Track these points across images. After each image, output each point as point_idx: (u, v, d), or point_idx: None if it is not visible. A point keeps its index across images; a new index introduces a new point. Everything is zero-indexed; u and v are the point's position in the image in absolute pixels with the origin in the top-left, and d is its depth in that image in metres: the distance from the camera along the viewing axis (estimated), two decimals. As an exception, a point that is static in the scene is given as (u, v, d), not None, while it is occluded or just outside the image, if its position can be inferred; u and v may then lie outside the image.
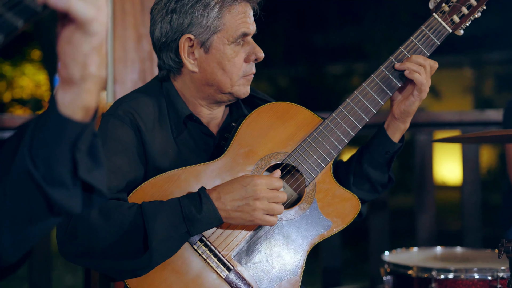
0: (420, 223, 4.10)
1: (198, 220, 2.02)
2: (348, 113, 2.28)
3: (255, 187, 2.05)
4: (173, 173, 2.14)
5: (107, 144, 2.16)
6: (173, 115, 2.27)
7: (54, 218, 1.29)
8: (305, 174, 2.22)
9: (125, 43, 3.58)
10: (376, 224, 4.09)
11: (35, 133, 1.25)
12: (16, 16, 1.13)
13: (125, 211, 2.02)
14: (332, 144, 2.24)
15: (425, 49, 2.32)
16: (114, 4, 3.58)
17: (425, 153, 4.11)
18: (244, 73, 2.24)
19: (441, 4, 2.35)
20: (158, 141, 2.22)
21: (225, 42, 2.20)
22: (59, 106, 1.23)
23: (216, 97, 2.28)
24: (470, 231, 4.11)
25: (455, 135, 2.59)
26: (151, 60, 3.57)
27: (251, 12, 2.26)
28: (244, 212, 2.05)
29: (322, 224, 2.20)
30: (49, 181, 1.24)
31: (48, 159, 1.23)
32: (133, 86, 3.56)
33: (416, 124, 4.12)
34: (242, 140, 2.20)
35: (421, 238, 4.10)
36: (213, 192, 2.06)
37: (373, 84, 2.30)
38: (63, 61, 1.20)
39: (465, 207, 4.13)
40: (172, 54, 2.24)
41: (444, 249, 3.14)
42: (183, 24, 2.18)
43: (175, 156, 2.23)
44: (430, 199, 4.10)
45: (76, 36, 1.18)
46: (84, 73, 1.21)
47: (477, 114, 4.13)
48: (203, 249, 2.10)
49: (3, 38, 1.12)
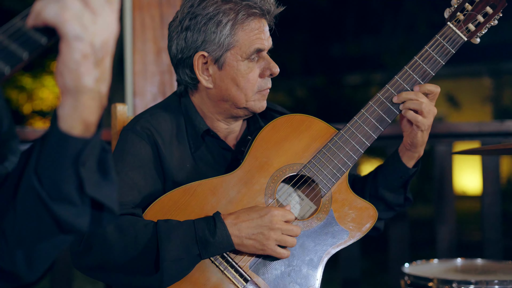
0: (440, 235, 4.08)
1: (211, 244, 2.04)
2: (363, 123, 2.27)
3: (272, 218, 2.07)
4: (189, 186, 2.16)
5: (124, 159, 2.19)
6: (191, 131, 2.29)
7: (64, 235, 1.29)
8: (321, 185, 2.23)
9: (144, 56, 3.61)
10: (396, 234, 4.07)
11: (40, 150, 1.25)
12: (21, 48, 1.15)
13: (140, 228, 2.04)
14: (347, 155, 2.25)
15: (440, 57, 2.30)
16: (134, 19, 3.62)
17: (444, 164, 4.09)
18: (259, 88, 2.26)
19: (456, 12, 2.34)
20: (176, 156, 2.24)
21: (238, 59, 2.21)
22: (59, 122, 1.23)
23: (232, 112, 2.29)
24: (491, 243, 4.08)
25: (474, 148, 2.57)
26: (171, 73, 3.60)
27: (266, 27, 2.27)
28: (257, 241, 2.08)
29: (339, 234, 2.21)
30: (55, 198, 1.23)
31: (53, 176, 1.23)
32: (152, 99, 3.59)
33: (435, 135, 4.11)
34: (257, 153, 2.22)
35: (441, 249, 4.07)
36: (228, 218, 2.08)
37: (388, 94, 2.30)
38: (59, 69, 1.20)
39: (486, 218, 4.10)
40: (187, 71, 2.26)
41: (465, 261, 3.12)
42: (197, 41, 2.21)
43: (193, 170, 2.26)
44: (450, 210, 4.08)
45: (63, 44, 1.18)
46: (78, 83, 1.20)
47: (496, 125, 4.10)
48: (220, 261, 2.11)
49: (9, 69, 1.13)
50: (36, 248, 1.30)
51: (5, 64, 1.12)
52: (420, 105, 2.24)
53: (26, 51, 1.15)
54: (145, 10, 3.64)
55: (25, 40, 1.15)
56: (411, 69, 2.30)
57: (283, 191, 2.27)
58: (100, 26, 1.19)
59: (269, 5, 2.24)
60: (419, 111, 2.25)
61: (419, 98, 2.25)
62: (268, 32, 2.27)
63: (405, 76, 2.30)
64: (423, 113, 2.25)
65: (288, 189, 2.28)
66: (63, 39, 1.17)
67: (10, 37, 1.14)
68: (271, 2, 2.26)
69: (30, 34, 1.16)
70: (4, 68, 1.12)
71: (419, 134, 2.28)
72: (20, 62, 1.14)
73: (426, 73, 2.31)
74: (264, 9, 2.23)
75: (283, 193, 2.27)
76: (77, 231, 1.27)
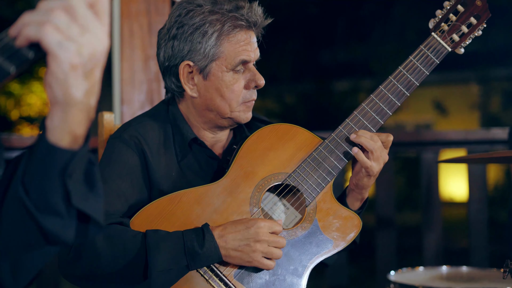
0: (426, 242, 4.10)
1: (199, 255, 2.05)
2: (348, 133, 2.26)
3: (258, 230, 2.08)
4: (174, 195, 2.17)
5: (111, 167, 2.19)
6: (178, 139, 2.30)
7: (50, 247, 1.30)
8: (305, 194, 2.23)
9: (132, 64, 3.62)
10: (383, 241, 4.09)
11: (28, 160, 1.26)
12: (8, 62, 1.16)
13: (129, 238, 2.05)
14: (332, 164, 2.25)
15: (424, 68, 2.31)
16: (122, 26, 3.63)
17: (431, 171, 4.12)
18: (243, 100, 2.26)
19: (441, 23, 2.35)
20: (163, 165, 2.25)
21: (223, 70, 2.22)
22: (47, 133, 1.23)
23: (217, 122, 2.30)
24: (477, 250, 4.10)
25: (460, 156, 2.57)
26: (158, 81, 3.61)
27: (253, 38, 2.27)
28: (243, 253, 2.08)
29: (323, 243, 2.21)
30: (42, 210, 1.24)
31: (40, 187, 1.23)
32: (140, 107, 3.59)
33: (422, 142, 4.14)
34: (243, 162, 2.23)
35: (427, 256, 4.09)
36: (216, 230, 2.09)
37: (372, 104, 2.29)
38: (47, 80, 1.20)
39: (472, 225, 4.12)
40: (173, 79, 2.27)
41: (450, 268, 3.14)
42: (183, 50, 2.22)
43: (179, 179, 2.26)
44: (437, 217, 4.10)
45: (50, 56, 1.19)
46: (67, 95, 1.20)
47: (483, 133, 4.14)
48: (205, 270, 2.12)
49: None
50: (21, 259, 1.30)
51: None
52: (373, 145, 2.19)
53: (13, 65, 1.15)
54: (133, 18, 3.65)
55: (13, 54, 1.16)
56: (395, 79, 2.30)
57: (268, 200, 2.28)
58: (89, 38, 1.19)
59: (256, 17, 2.24)
60: (370, 151, 2.19)
61: (373, 139, 2.20)
62: (255, 44, 2.27)
63: (389, 86, 2.30)
64: (373, 155, 2.19)
65: (273, 198, 2.29)
66: (48, 51, 1.18)
67: None
68: (259, 14, 2.25)
69: (18, 48, 1.16)
70: None
71: (365, 178, 2.24)
72: (7, 76, 1.14)
73: (410, 83, 2.31)
74: (251, 21, 2.23)
75: (268, 202, 2.28)
76: (63, 242, 1.28)
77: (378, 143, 2.21)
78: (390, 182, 4.09)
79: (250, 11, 2.23)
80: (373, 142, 2.20)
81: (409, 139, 4.35)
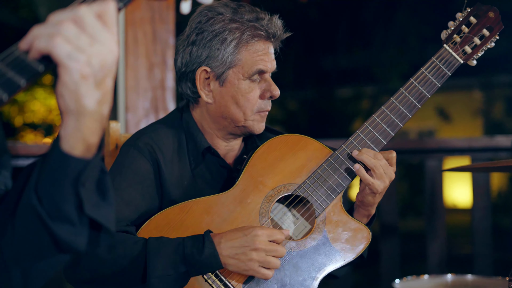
0: (430, 249, 4.10)
1: (198, 262, 2.04)
2: (358, 144, 2.25)
3: (255, 238, 2.05)
4: (184, 205, 2.16)
5: (123, 175, 2.19)
6: (192, 147, 2.30)
7: (61, 255, 1.30)
8: (315, 205, 2.22)
9: (137, 72, 3.63)
10: (387, 249, 4.09)
11: (41, 169, 1.26)
12: (18, 75, 1.16)
13: (130, 245, 2.05)
14: (342, 176, 2.24)
15: (436, 80, 2.30)
16: (127, 34, 3.64)
17: (435, 179, 4.12)
18: (258, 109, 2.27)
19: (453, 35, 2.34)
20: (175, 173, 2.25)
21: (240, 77, 2.23)
22: (61, 141, 1.24)
23: (230, 130, 2.30)
24: (481, 257, 4.10)
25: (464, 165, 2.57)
26: (163, 88, 3.62)
27: (271, 49, 2.28)
28: (239, 261, 2.05)
29: (332, 255, 2.20)
30: (54, 218, 1.24)
31: (52, 195, 1.24)
32: (144, 114, 3.60)
33: (425, 150, 4.14)
34: (253, 172, 2.22)
35: (431, 264, 4.09)
36: (216, 236, 2.07)
37: (383, 116, 2.28)
38: (59, 91, 1.21)
39: (476, 233, 4.12)
40: (189, 84, 2.28)
41: (455, 277, 3.14)
42: (201, 56, 2.23)
43: (191, 188, 2.26)
44: (441, 225, 4.10)
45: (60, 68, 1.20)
46: (78, 105, 1.21)
47: (486, 140, 4.14)
48: (213, 279, 2.10)
49: (7, 97, 1.15)
50: (33, 267, 1.31)
51: (3, 91, 1.14)
52: (374, 163, 2.18)
53: (24, 78, 1.16)
54: (138, 25, 3.66)
55: (23, 68, 1.17)
56: (407, 91, 2.28)
57: (278, 210, 2.27)
58: (98, 48, 1.20)
59: (276, 29, 2.26)
60: (371, 169, 2.18)
61: (376, 157, 2.19)
62: (272, 55, 2.29)
63: (401, 97, 2.28)
64: (376, 173, 2.18)
65: (283, 208, 2.28)
66: (58, 63, 1.19)
67: (8, 65, 1.16)
68: (278, 26, 2.28)
69: (28, 62, 1.17)
70: (2, 95, 1.14)
71: (370, 196, 2.23)
72: (18, 90, 1.15)
73: (422, 95, 2.29)
74: (270, 32, 2.25)
75: (278, 212, 2.27)
76: (74, 250, 1.28)
77: (381, 161, 2.19)
78: (393, 189, 4.09)
79: (270, 23, 2.25)
80: (375, 160, 2.18)
81: (413, 146, 4.35)
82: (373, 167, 2.18)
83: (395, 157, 2.23)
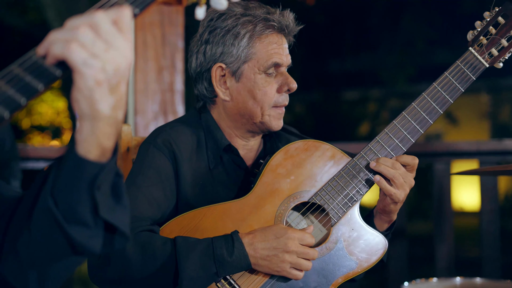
0: (439, 253, 4.10)
1: (228, 263, 2.04)
2: (378, 151, 2.21)
3: (287, 240, 2.06)
4: (198, 211, 2.15)
5: (145, 173, 2.19)
6: (212, 145, 2.29)
7: (76, 257, 1.32)
8: (331, 213, 2.19)
9: (146, 75, 3.64)
10: (395, 252, 4.09)
11: (57, 172, 1.28)
12: (36, 80, 1.18)
13: (159, 245, 2.05)
14: (360, 183, 2.20)
15: (459, 84, 2.23)
16: (136, 37, 3.65)
17: (443, 182, 4.12)
18: (275, 103, 2.25)
19: (479, 36, 2.26)
20: (192, 172, 2.24)
21: (256, 71, 2.22)
22: (76, 145, 1.26)
23: (248, 127, 2.29)
24: (489, 261, 4.09)
25: (473, 169, 2.54)
26: (172, 91, 3.63)
27: (285, 43, 2.27)
28: (272, 262, 2.06)
29: (347, 264, 2.18)
30: (70, 220, 1.26)
31: (68, 198, 1.26)
32: (154, 117, 3.61)
33: (433, 153, 4.14)
34: (269, 178, 2.20)
35: (440, 267, 4.09)
36: (246, 237, 2.07)
37: (404, 122, 2.23)
38: (74, 96, 1.23)
39: (484, 236, 4.11)
40: (206, 83, 2.28)
41: (464, 280, 3.14)
42: (216, 53, 2.23)
43: (207, 188, 2.25)
44: (449, 228, 4.09)
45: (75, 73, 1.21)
46: (93, 110, 1.23)
47: (494, 144, 4.13)
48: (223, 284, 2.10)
49: (25, 101, 1.16)
50: (48, 269, 1.32)
51: (21, 95, 1.15)
52: (393, 173, 2.15)
53: (42, 83, 1.18)
54: (147, 29, 3.67)
55: (41, 73, 1.18)
56: (429, 96, 2.22)
57: (294, 217, 2.25)
58: (113, 54, 1.22)
59: (288, 20, 2.26)
60: (391, 180, 2.16)
61: (395, 167, 2.17)
62: (287, 49, 2.28)
63: (423, 103, 2.22)
64: (396, 183, 2.15)
65: (299, 215, 2.26)
66: (73, 69, 1.20)
67: (26, 69, 1.17)
68: (291, 18, 2.27)
69: (45, 67, 1.19)
70: (20, 99, 1.15)
71: (391, 205, 2.21)
72: (35, 94, 1.17)
73: (444, 100, 2.23)
74: (283, 24, 2.24)
75: (294, 219, 2.25)
76: (89, 253, 1.30)
77: (400, 170, 2.16)
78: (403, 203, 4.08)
79: (282, 15, 2.25)
80: (394, 170, 2.16)
81: (421, 149, 4.35)
82: (392, 178, 2.16)
83: (417, 164, 2.20)
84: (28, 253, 1.31)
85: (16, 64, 1.18)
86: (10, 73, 1.17)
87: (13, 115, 1.16)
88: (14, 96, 1.15)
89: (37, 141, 14.33)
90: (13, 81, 1.16)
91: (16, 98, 1.15)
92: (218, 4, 1.34)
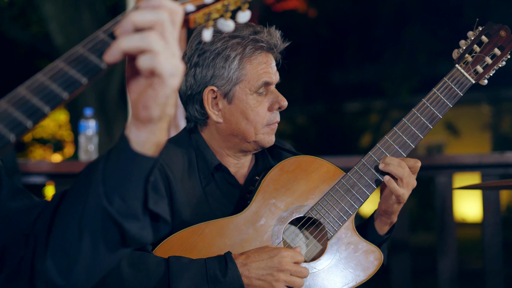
0: (441, 265, 4.09)
1: (221, 284, 2.05)
2: (371, 166, 2.26)
3: (281, 259, 2.08)
4: (196, 227, 2.17)
5: None
6: (202, 165, 2.31)
7: (124, 249, 1.36)
8: (327, 227, 2.22)
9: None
10: (397, 265, 4.09)
11: (107, 171, 1.31)
12: (80, 73, 1.19)
13: (153, 265, 2.06)
14: (353, 198, 2.24)
15: (448, 100, 2.29)
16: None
17: (445, 195, 4.12)
18: (268, 122, 2.27)
19: (464, 54, 2.32)
20: (185, 191, 2.25)
21: (247, 92, 2.23)
22: (132, 144, 1.29)
23: (241, 147, 2.31)
24: (492, 273, 4.09)
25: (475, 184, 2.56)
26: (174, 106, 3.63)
27: (273, 62, 2.29)
28: (266, 282, 2.08)
29: (344, 277, 2.21)
30: (124, 215, 1.30)
31: (123, 194, 1.30)
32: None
33: (435, 166, 4.14)
34: (265, 194, 2.23)
35: (442, 279, 4.09)
36: (239, 258, 2.09)
37: (395, 137, 2.28)
38: (144, 103, 1.25)
39: (487, 249, 4.11)
40: (197, 106, 2.29)
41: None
42: (206, 76, 2.24)
43: (201, 206, 2.26)
44: (451, 240, 4.10)
45: (157, 82, 1.24)
46: (163, 113, 1.26)
47: (496, 157, 4.13)
48: None
49: (68, 95, 1.17)
50: (97, 263, 1.36)
51: (63, 90, 1.17)
52: (402, 172, 2.19)
53: (86, 77, 1.19)
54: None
55: (86, 65, 1.20)
56: (419, 112, 2.28)
57: (290, 232, 2.27)
58: (177, 57, 1.25)
59: (276, 39, 2.28)
60: (399, 178, 2.20)
61: (401, 166, 2.20)
62: (275, 67, 2.30)
63: (412, 119, 2.28)
64: (403, 182, 2.20)
65: (295, 230, 2.28)
66: (159, 79, 1.23)
67: (70, 63, 1.19)
68: (277, 37, 2.29)
69: (91, 59, 1.20)
70: (63, 93, 1.17)
71: (395, 205, 2.25)
72: (79, 87, 1.18)
73: (434, 115, 2.29)
74: (271, 43, 2.26)
75: (290, 234, 2.27)
76: (141, 243, 1.35)
77: (406, 169, 2.20)
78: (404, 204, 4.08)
79: (269, 34, 2.27)
80: (402, 169, 2.20)
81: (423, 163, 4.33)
82: (401, 177, 2.19)
83: (419, 167, 2.24)
84: (78, 252, 1.33)
85: (60, 59, 1.20)
86: (55, 67, 1.19)
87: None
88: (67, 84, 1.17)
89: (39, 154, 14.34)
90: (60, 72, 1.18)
91: (59, 92, 1.17)
92: (225, 26, 1.35)
